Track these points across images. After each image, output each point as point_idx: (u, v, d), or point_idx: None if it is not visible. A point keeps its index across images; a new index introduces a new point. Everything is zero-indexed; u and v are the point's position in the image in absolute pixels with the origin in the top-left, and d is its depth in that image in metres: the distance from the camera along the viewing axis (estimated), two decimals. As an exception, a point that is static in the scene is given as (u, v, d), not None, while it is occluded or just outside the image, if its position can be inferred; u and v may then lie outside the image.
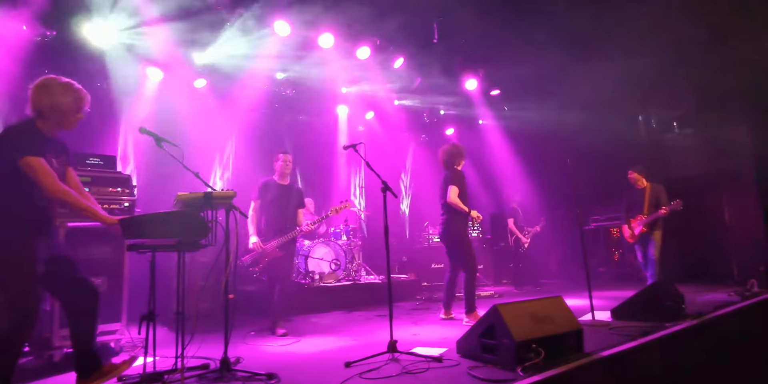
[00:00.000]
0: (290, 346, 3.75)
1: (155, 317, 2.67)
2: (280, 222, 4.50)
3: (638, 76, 7.48)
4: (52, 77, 2.57)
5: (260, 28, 6.31)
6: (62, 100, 2.52)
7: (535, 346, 2.78)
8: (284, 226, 4.49)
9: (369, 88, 8.21)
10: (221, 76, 7.12)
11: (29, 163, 2.35)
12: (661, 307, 4.11)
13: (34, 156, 2.37)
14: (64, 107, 2.53)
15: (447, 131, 10.10)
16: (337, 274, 6.28)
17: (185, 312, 2.81)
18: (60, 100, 2.51)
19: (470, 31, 7.11)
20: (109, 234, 2.57)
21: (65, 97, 2.53)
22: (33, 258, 2.38)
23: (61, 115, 2.53)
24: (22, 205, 2.41)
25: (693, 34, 6.49)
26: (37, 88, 2.52)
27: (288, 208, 4.57)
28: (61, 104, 2.51)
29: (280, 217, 4.52)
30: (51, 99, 2.49)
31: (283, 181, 4.65)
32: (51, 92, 2.50)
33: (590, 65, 7.48)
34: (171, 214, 2.71)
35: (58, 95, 2.51)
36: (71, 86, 2.57)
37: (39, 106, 2.49)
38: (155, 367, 2.81)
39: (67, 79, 2.59)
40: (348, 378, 2.73)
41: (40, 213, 2.48)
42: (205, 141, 7.47)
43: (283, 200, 4.56)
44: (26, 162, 2.34)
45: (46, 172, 2.38)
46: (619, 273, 8.16)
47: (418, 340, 3.81)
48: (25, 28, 5.44)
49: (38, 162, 2.37)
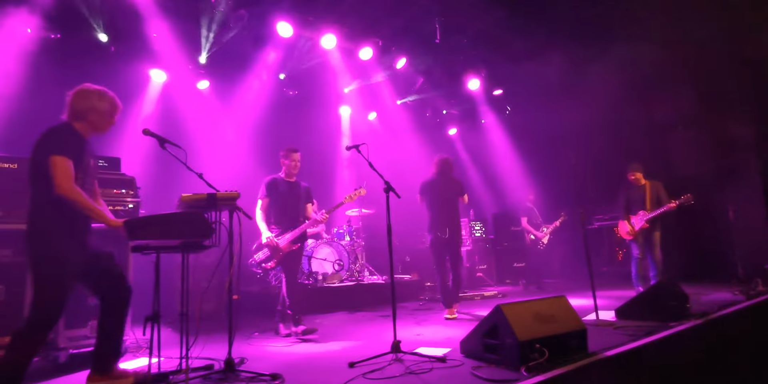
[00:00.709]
0: (294, 347, 3.76)
1: (160, 318, 2.69)
2: (291, 217, 4.48)
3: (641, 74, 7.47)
4: (89, 85, 2.79)
5: (263, 29, 6.33)
6: (100, 106, 2.73)
7: (539, 345, 2.77)
8: (296, 221, 4.47)
9: (371, 88, 8.22)
10: (224, 77, 7.15)
11: (54, 161, 2.45)
12: (666, 307, 4.09)
13: (63, 156, 2.47)
14: (103, 112, 2.74)
15: (450, 131, 10.10)
16: (340, 275, 6.29)
17: (189, 313, 2.82)
18: (98, 106, 2.72)
19: (472, 30, 7.11)
20: (114, 235, 2.60)
21: (102, 102, 2.74)
22: (65, 258, 2.47)
23: (98, 117, 2.73)
24: (58, 206, 2.47)
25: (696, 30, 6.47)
26: (77, 93, 2.72)
27: (298, 204, 4.55)
28: (99, 109, 2.72)
29: (290, 213, 4.49)
30: (90, 103, 2.70)
31: (290, 178, 4.62)
32: (89, 97, 2.71)
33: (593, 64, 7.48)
34: (175, 215, 2.72)
35: (96, 100, 2.72)
36: (107, 93, 2.79)
37: (78, 109, 2.69)
38: (160, 368, 2.83)
39: (100, 87, 2.80)
40: (352, 378, 2.73)
41: (76, 210, 2.53)
42: (208, 142, 7.49)
43: (293, 196, 4.54)
44: (52, 160, 2.45)
45: (65, 171, 2.45)
46: (622, 272, 8.12)
47: (422, 340, 3.81)
48: (30, 30, 5.47)
49: (62, 160, 2.46)
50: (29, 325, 2.39)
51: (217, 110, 7.52)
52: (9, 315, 3.15)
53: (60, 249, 2.47)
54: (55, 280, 2.43)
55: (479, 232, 8.56)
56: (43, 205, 2.49)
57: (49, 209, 2.49)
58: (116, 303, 2.74)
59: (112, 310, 2.73)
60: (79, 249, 2.57)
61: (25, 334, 2.38)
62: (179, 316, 2.81)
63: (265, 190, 4.51)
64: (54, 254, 2.45)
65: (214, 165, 7.53)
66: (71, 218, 2.54)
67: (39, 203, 2.51)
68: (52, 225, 2.49)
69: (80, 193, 2.49)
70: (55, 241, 2.47)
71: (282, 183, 4.56)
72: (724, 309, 4.38)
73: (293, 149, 4.67)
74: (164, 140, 2.95)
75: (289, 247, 4.36)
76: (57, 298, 2.43)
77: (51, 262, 2.44)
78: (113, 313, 2.73)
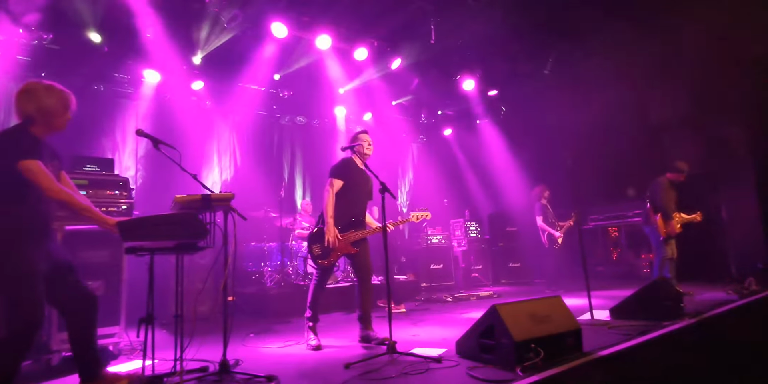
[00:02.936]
0: (290, 348, 3.75)
1: (154, 320, 2.67)
2: (358, 213, 3.91)
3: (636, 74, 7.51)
4: (34, 82, 2.56)
5: (257, 29, 6.32)
6: (47, 102, 2.50)
7: (534, 345, 2.78)
8: (360, 218, 3.94)
9: (367, 89, 8.22)
10: (219, 78, 7.14)
11: (27, 166, 2.33)
12: (660, 306, 4.11)
13: (32, 159, 2.35)
14: (51, 109, 2.52)
15: (445, 131, 10.12)
16: (335, 276, 6.28)
17: (184, 314, 2.81)
18: (45, 103, 2.49)
19: (467, 31, 7.13)
20: (107, 237, 2.57)
21: (50, 99, 2.51)
22: (33, 265, 2.37)
23: (49, 117, 2.52)
24: (20, 211, 2.40)
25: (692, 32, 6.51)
26: (20, 94, 2.51)
27: (363, 198, 3.98)
28: (47, 106, 2.50)
29: (357, 207, 3.91)
30: (36, 103, 2.48)
31: (361, 165, 3.99)
32: (35, 96, 2.49)
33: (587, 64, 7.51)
34: (169, 216, 2.70)
35: (43, 98, 2.49)
36: (54, 88, 2.56)
37: (26, 112, 2.48)
38: (154, 370, 2.81)
39: (49, 82, 2.58)
40: (348, 379, 2.73)
41: (38, 218, 2.47)
42: (202, 143, 7.47)
43: (364, 187, 3.99)
44: (24, 165, 2.33)
45: (45, 174, 2.37)
46: (617, 272, 8.17)
47: (418, 340, 3.81)
48: (22, 31, 5.44)
49: (36, 165, 2.36)
50: (9, 332, 2.27)
51: (212, 111, 7.50)
52: None
53: (27, 253, 2.35)
54: (27, 285, 2.32)
55: (474, 233, 8.58)
56: (5, 210, 2.38)
57: (8, 214, 2.37)
58: (80, 313, 2.60)
59: (77, 320, 2.60)
60: (43, 256, 2.44)
61: (7, 340, 2.28)
62: (174, 317, 2.80)
63: (340, 170, 3.87)
64: (23, 259, 2.34)
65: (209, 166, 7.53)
66: (33, 225, 2.43)
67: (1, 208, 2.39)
68: (15, 230, 2.37)
69: (70, 193, 2.43)
70: (15, 245, 2.35)
71: (357, 169, 3.93)
72: (718, 308, 4.42)
73: (362, 130, 4.05)
74: (158, 141, 2.93)
75: (348, 248, 3.82)
76: (34, 302, 2.32)
77: (22, 267, 2.33)
78: (79, 324, 2.60)
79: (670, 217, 5.73)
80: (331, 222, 3.73)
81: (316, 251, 3.80)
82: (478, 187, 9.92)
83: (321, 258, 3.79)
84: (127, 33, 5.84)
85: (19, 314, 2.29)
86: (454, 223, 8.74)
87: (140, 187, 6.40)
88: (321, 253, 3.78)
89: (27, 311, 2.30)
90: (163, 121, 6.71)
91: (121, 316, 3.62)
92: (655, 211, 5.81)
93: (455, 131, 10.13)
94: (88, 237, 3.49)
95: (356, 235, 3.85)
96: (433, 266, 7.67)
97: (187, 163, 3.06)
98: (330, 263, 3.80)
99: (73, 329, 2.61)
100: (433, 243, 7.84)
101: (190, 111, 7.08)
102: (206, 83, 7.05)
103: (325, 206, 3.77)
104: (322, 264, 3.79)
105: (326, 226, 3.74)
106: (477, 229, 8.62)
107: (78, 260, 2.77)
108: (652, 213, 5.83)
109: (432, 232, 7.96)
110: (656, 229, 5.75)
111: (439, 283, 7.52)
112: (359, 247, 3.85)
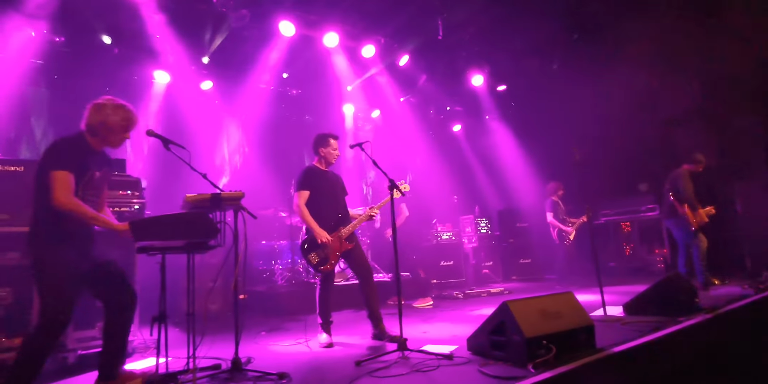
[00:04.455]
0: (301, 346, 3.77)
1: (166, 318, 2.70)
2: (337, 212, 4.05)
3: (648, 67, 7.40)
4: (109, 98, 2.77)
5: (265, 28, 6.33)
6: (111, 120, 2.69)
7: (546, 342, 2.75)
8: (343, 216, 4.07)
9: (374, 86, 8.21)
10: (227, 77, 7.16)
11: (55, 175, 2.48)
12: (674, 302, 4.06)
13: (64, 170, 2.49)
14: (113, 126, 2.71)
15: (454, 128, 10.07)
16: (345, 273, 6.28)
17: (196, 313, 2.83)
18: (109, 120, 2.69)
19: (475, 26, 7.08)
20: (120, 237, 2.62)
21: (115, 117, 2.70)
22: (70, 267, 2.51)
23: (108, 133, 2.72)
24: (59, 215, 2.49)
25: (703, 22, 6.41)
26: (93, 106, 2.72)
27: (338, 197, 4.15)
28: (109, 123, 2.69)
29: (334, 207, 4.05)
30: (102, 117, 2.68)
31: (325, 168, 4.18)
32: (103, 111, 2.69)
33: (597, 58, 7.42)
34: (180, 215, 2.73)
35: (109, 115, 2.69)
36: (123, 107, 2.75)
37: (91, 123, 2.68)
38: (168, 368, 2.84)
39: (122, 101, 2.78)
40: (359, 376, 2.73)
41: (76, 222, 2.55)
42: (212, 142, 7.51)
43: (334, 188, 4.14)
44: (54, 175, 2.48)
45: (63, 185, 2.47)
46: (630, 268, 8.09)
47: (428, 337, 3.81)
48: (34, 34, 5.50)
49: (63, 175, 2.48)
50: (38, 328, 2.43)
51: (221, 110, 7.54)
52: (17, 317, 3.18)
53: (58, 255, 2.50)
54: (55, 285, 2.46)
55: (485, 229, 8.54)
56: (44, 213, 2.52)
57: (49, 217, 2.51)
58: (120, 309, 2.76)
59: (116, 316, 2.75)
60: (80, 257, 2.59)
61: (35, 337, 2.43)
62: (186, 316, 2.82)
63: (305, 181, 4.02)
64: (53, 260, 2.48)
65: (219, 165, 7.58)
66: (71, 226, 2.56)
67: (40, 210, 2.55)
68: (50, 232, 2.52)
69: (78, 203, 2.50)
70: (53, 247, 2.51)
71: (320, 174, 4.12)
72: (734, 303, 4.35)
73: (332, 135, 4.16)
74: (168, 141, 2.96)
75: (344, 245, 3.95)
76: (61, 302, 2.45)
77: (50, 267, 2.47)
78: (118, 319, 2.76)
79: (697, 207, 5.79)
80: (316, 226, 3.87)
81: (314, 260, 3.89)
82: (487, 183, 9.87)
83: (321, 264, 3.88)
84: (136, 35, 5.88)
85: (49, 313, 2.43)
86: (464, 219, 8.71)
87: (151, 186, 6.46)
88: (320, 260, 3.89)
89: (56, 310, 2.44)
90: (173, 122, 6.76)
91: (134, 315, 3.65)
92: (681, 202, 5.83)
93: (464, 127, 10.07)
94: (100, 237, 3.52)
95: (346, 231, 3.99)
96: (443, 263, 7.65)
97: (197, 162, 3.07)
98: (332, 266, 3.90)
99: (113, 324, 2.75)
100: (443, 240, 7.81)
101: (199, 111, 7.12)
102: (215, 83, 7.09)
103: (302, 217, 3.94)
104: (325, 269, 3.89)
105: (314, 232, 3.85)
106: (487, 225, 8.58)
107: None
108: (678, 205, 5.85)
109: (442, 228, 7.93)
110: (684, 220, 5.80)
111: (449, 280, 7.49)
112: (353, 241, 4.01)
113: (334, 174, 4.25)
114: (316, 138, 4.16)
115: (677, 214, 5.86)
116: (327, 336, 3.82)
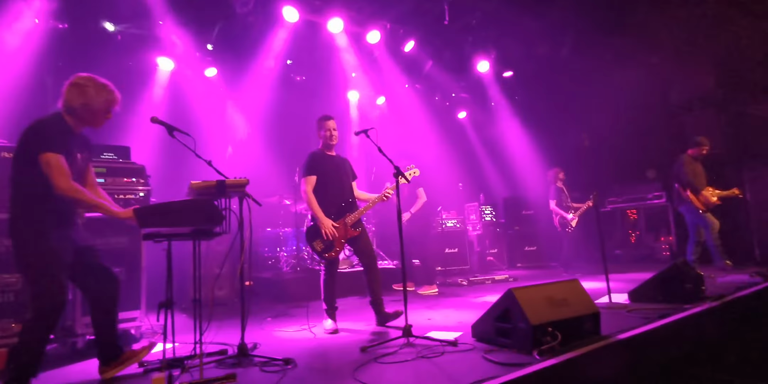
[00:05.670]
0: (306, 332, 3.79)
1: (173, 305, 2.71)
2: (343, 197, 3.98)
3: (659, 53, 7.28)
4: (89, 77, 2.62)
5: (269, 14, 6.26)
6: (94, 101, 2.57)
7: (552, 329, 2.75)
8: (349, 201, 4.00)
9: (379, 72, 8.12)
10: (231, 64, 7.11)
11: (47, 159, 2.38)
12: (680, 289, 4.05)
13: (54, 152, 2.40)
14: (95, 107, 2.59)
15: (459, 114, 9.99)
16: (351, 260, 6.30)
17: (202, 299, 2.84)
18: (92, 101, 2.57)
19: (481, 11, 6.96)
20: (126, 224, 2.61)
21: (98, 98, 2.58)
22: (56, 250, 2.44)
23: (90, 114, 2.60)
24: (43, 197, 2.44)
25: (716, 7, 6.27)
26: (71, 85, 2.57)
27: (345, 181, 4.04)
28: (92, 104, 2.57)
29: (339, 192, 3.97)
30: (84, 98, 2.55)
31: (330, 152, 4.11)
32: (85, 92, 2.55)
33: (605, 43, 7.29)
34: (185, 202, 2.72)
35: (92, 95, 2.56)
36: (106, 87, 2.62)
37: (71, 104, 2.55)
38: (175, 353, 2.87)
39: (103, 80, 2.64)
40: (364, 362, 2.75)
41: (61, 204, 2.51)
42: (217, 129, 7.49)
43: (339, 173, 4.04)
44: (44, 158, 2.38)
45: (60, 170, 2.40)
46: (636, 255, 8.07)
47: (433, 324, 3.82)
48: (37, 20, 5.46)
49: (55, 159, 2.40)
50: (35, 313, 2.37)
51: (225, 97, 7.50)
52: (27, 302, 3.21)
53: (43, 237, 2.42)
54: (46, 267, 2.40)
55: (489, 216, 8.52)
56: (26, 197, 2.45)
57: (32, 200, 2.44)
58: (103, 297, 2.72)
59: (100, 304, 2.71)
60: (63, 241, 2.51)
61: (35, 322, 2.38)
62: (192, 302, 2.84)
63: (309, 167, 3.95)
64: (38, 242, 2.40)
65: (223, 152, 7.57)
66: (53, 210, 2.49)
67: (21, 194, 2.46)
68: (31, 215, 2.44)
69: (81, 190, 2.46)
70: (36, 230, 2.42)
71: (325, 158, 4.04)
72: (741, 291, 4.33)
73: (325, 117, 4.11)
74: (173, 128, 2.93)
75: (349, 232, 3.92)
76: (55, 283, 2.39)
77: (37, 250, 2.40)
78: (103, 306, 2.72)
79: (699, 190, 5.82)
80: (322, 215, 3.82)
81: (318, 247, 3.86)
82: (493, 171, 9.82)
83: (326, 251, 3.85)
84: (140, 21, 5.84)
85: (43, 298, 2.39)
86: (469, 206, 8.69)
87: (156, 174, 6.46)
88: (324, 247, 3.85)
89: (50, 295, 2.39)
90: (178, 108, 6.74)
91: (141, 301, 3.69)
92: (683, 187, 5.87)
93: (470, 114, 9.99)
94: (106, 224, 3.54)
95: (353, 218, 3.95)
96: (448, 250, 7.65)
97: (202, 149, 3.06)
98: (337, 253, 3.87)
99: (97, 312, 2.72)
100: (447, 227, 7.80)
101: (203, 98, 7.09)
102: (219, 70, 7.04)
103: (309, 204, 3.88)
104: (330, 257, 3.86)
105: (319, 221, 3.81)
106: (492, 212, 8.56)
107: (98, 247, 2.83)
108: (682, 190, 5.90)
109: (447, 216, 7.92)
110: (691, 205, 5.84)
111: (454, 267, 7.51)
112: (359, 227, 3.97)
113: (341, 158, 4.17)
114: (316, 124, 4.15)
115: (683, 199, 5.87)
116: (332, 322, 3.84)
